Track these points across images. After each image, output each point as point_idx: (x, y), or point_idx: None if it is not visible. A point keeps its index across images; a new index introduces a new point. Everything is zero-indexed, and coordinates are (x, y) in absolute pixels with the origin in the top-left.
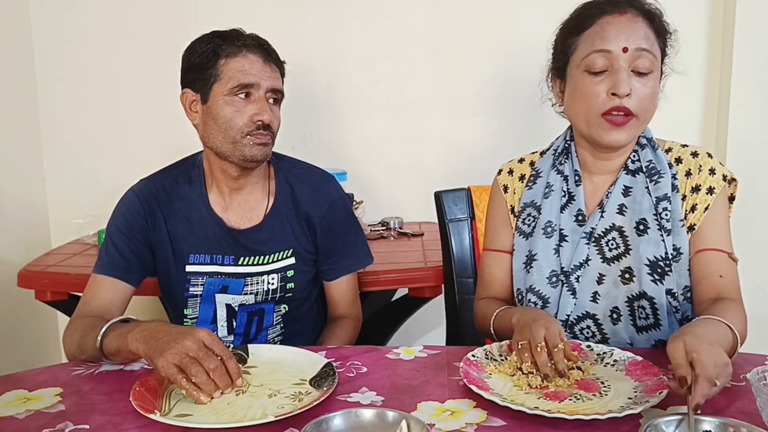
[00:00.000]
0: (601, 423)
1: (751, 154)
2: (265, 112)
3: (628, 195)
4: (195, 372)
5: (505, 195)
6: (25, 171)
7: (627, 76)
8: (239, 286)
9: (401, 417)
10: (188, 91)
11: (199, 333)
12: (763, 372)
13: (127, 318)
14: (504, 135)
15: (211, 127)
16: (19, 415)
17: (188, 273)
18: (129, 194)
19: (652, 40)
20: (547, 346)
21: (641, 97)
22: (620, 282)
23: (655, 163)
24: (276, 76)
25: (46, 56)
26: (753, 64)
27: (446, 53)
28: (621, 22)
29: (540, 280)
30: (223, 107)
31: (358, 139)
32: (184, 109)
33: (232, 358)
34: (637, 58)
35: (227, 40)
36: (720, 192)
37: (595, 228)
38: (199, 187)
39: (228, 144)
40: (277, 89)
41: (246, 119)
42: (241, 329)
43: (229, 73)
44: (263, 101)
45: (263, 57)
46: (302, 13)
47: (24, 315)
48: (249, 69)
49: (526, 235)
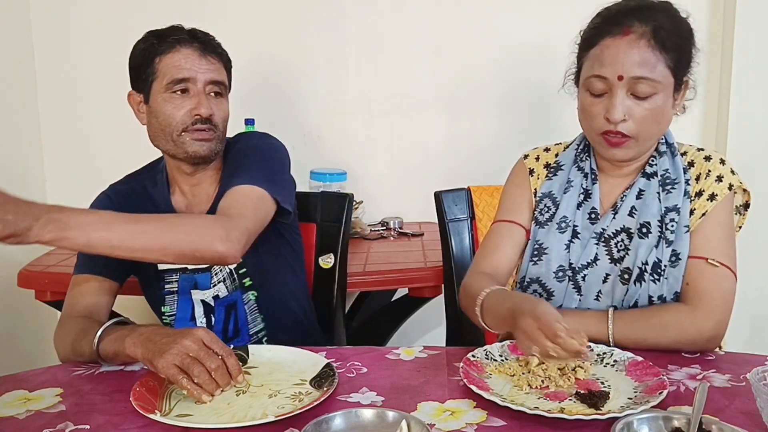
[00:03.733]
0: (601, 423)
1: (750, 154)
2: (202, 106)
3: (640, 197)
4: (197, 373)
5: (531, 177)
6: (25, 171)
7: (622, 101)
8: (207, 280)
9: (401, 417)
10: (133, 92)
11: (197, 332)
12: (763, 372)
13: (121, 320)
14: (504, 135)
15: (154, 126)
16: (19, 415)
17: (161, 271)
18: (100, 196)
19: (654, 63)
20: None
21: (639, 119)
22: (619, 282)
23: (671, 172)
24: (215, 68)
25: (46, 56)
26: (753, 64)
27: (446, 53)
28: (620, 45)
29: (547, 274)
30: (162, 105)
31: (358, 139)
32: (133, 111)
33: (232, 355)
34: (634, 84)
35: (161, 37)
36: (722, 200)
37: (605, 229)
38: (163, 189)
39: (170, 142)
40: (217, 81)
41: (184, 114)
42: (219, 325)
43: (164, 69)
44: (201, 95)
45: (199, 50)
46: (302, 13)
47: (24, 315)
48: (183, 63)
49: (539, 224)
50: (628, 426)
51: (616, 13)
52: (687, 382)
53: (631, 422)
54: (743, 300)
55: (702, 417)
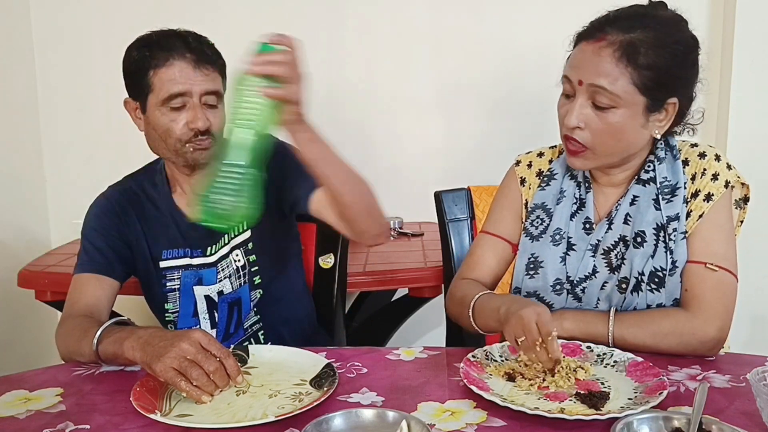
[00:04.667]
0: (601, 423)
1: (750, 154)
2: (199, 120)
3: (634, 204)
4: (195, 376)
5: (522, 188)
6: (25, 171)
7: (580, 108)
8: (213, 275)
9: (401, 417)
10: (129, 99)
11: (194, 334)
12: (763, 372)
13: (121, 320)
14: (504, 135)
15: (152, 136)
16: (19, 415)
17: (163, 268)
18: (99, 198)
19: (615, 76)
20: (542, 334)
21: (594, 131)
22: (617, 291)
23: (671, 178)
24: (210, 78)
25: (46, 56)
26: (753, 64)
27: (446, 53)
28: (587, 51)
29: (544, 287)
30: (160, 118)
31: (358, 139)
32: (130, 117)
33: (230, 356)
34: (593, 93)
35: (155, 47)
36: (719, 199)
37: (601, 240)
38: (163, 188)
39: (171, 152)
40: (212, 91)
41: (182, 128)
42: (223, 323)
43: (158, 84)
44: (197, 108)
45: (192, 63)
46: (302, 13)
47: (24, 315)
48: (178, 77)
49: (532, 237)
50: (628, 426)
51: (605, 19)
52: (687, 383)
53: (631, 422)
54: (742, 299)
55: (702, 417)
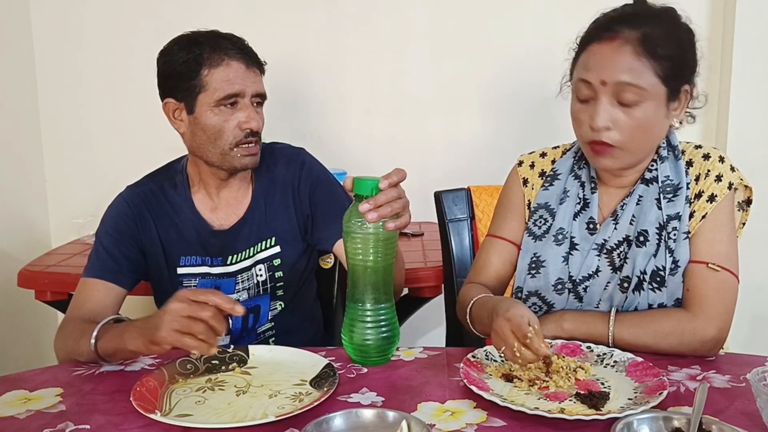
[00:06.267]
0: (601, 423)
1: (750, 154)
2: (252, 120)
3: (638, 203)
4: (199, 330)
5: (524, 188)
6: (25, 171)
7: (606, 109)
8: (231, 286)
9: (401, 417)
10: (171, 100)
11: (178, 294)
12: (763, 372)
13: (118, 318)
14: (504, 135)
15: (199, 137)
16: (19, 415)
17: (180, 275)
18: (117, 200)
19: (639, 70)
20: (518, 338)
21: (624, 128)
22: (618, 290)
23: (673, 178)
24: (258, 79)
25: (46, 56)
26: (753, 64)
27: (446, 53)
28: (605, 51)
29: (546, 287)
30: (211, 117)
31: (358, 139)
32: (168, 118)
33: (217, 294)
34: (619, 91)
35: (207, 48)
36: (722, 200)
37: (607, 240)
38: (184, 191)
39: (217, 155)
40: (261, 93)
41: (234, 127)
42: (237, 329)
43: (214, 84)
44: (250, 108)
45: (245, 63)
46: (302, 12)
47: (24, 315)
48: (234, 78)
49: (535, 237)
50: (628, 426)
51: (609, 19)
52: (687, 383)
53: (631, 422)
54: (742, 299)
55: (702, 417)
